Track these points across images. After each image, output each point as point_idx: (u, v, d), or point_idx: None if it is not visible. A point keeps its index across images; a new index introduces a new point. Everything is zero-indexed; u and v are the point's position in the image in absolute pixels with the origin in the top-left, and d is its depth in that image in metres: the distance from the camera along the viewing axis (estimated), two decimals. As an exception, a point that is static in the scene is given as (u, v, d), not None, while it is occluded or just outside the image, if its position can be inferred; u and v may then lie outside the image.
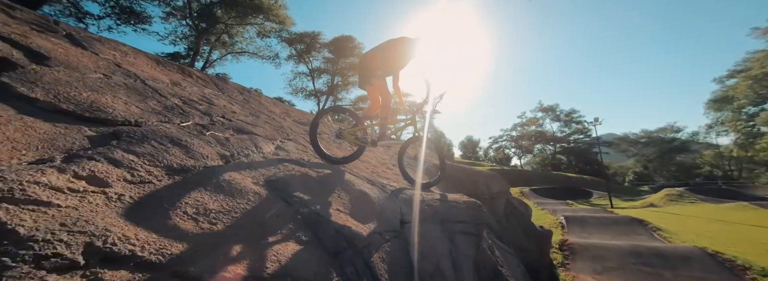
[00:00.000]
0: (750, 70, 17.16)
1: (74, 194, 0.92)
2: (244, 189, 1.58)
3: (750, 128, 22.10)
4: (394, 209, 2.43)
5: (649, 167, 42.92)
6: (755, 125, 20.86)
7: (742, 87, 18.43)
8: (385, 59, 2.65)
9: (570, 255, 6.90)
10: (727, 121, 23.46)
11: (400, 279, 1.81)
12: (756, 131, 22.14)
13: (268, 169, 2.06)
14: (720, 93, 22.87)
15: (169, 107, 2.11)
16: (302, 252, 1.36)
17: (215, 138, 1.94)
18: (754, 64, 17.11)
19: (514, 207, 5.85)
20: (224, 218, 1.29)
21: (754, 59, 17.07)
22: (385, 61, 2.66)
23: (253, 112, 3.86)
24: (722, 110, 23.58)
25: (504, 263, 3.19)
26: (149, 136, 1.49)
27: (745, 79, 17.72)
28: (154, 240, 0.94)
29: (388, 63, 2.66)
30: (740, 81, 18.60)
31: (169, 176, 1.32)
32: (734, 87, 19.95)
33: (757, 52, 17.17)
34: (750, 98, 19.71)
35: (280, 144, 2.85)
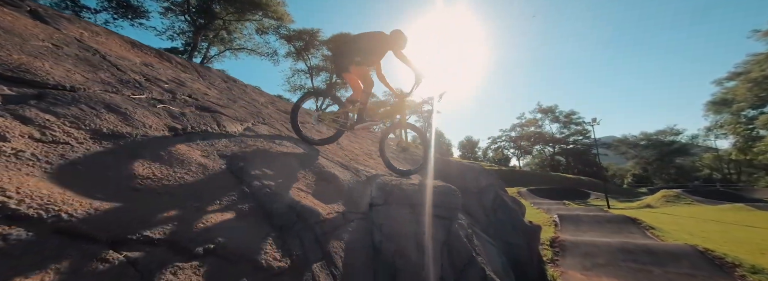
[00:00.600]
0: (750, 72, 17.03)
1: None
2: (187, 160, 1.49)
3: (749, 131, 21.98)
4: (364, 193, 2.34)
5: (649, 169, 42.79)
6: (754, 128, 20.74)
7: (742, 90, 18.29)
8: (361, 49, 2.72)
9: (560, 251, 6.81)
10: (726, 124, 23.34)
11: (358, 257, 1.72)
12: (755, 134, 22.03)
13: (226, 145, 1.97)
14: (719, 95, 22.75)
15: (124, 81, 2.02)
16: (238, 222, 1.27)
17: (167, 111, 1.85)
18: (753, 67, 16.98)
19: (503, 201, 5.76)
20: (152, 184, 1.19)
21: (754, 62, 16.95)
22: (360, 51, 2.72)
23: (231, 97, 3.77)
24: (721, 112, 23.46)
25: (482, 252, 3.09)
26: (81, 101, 1.39)
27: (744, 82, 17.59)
28: (45, 196, 0.84)
29: (363, 52, 2.72)
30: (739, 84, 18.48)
31: (93, 141, 1.23)
32: (734, 90, 19.81)
33: (757, 55, 17.06)
34: (749, 100, 19.58)
35: (251, 126, 2.75)
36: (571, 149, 43.69)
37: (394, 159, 3.84)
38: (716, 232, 8.85)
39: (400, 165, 3.68)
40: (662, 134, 39.81)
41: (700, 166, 39.82)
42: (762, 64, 16.26)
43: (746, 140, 22.64)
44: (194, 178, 1.39)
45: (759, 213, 11.99)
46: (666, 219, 11.66)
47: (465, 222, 3.41)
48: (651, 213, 13.90)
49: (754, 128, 20.90)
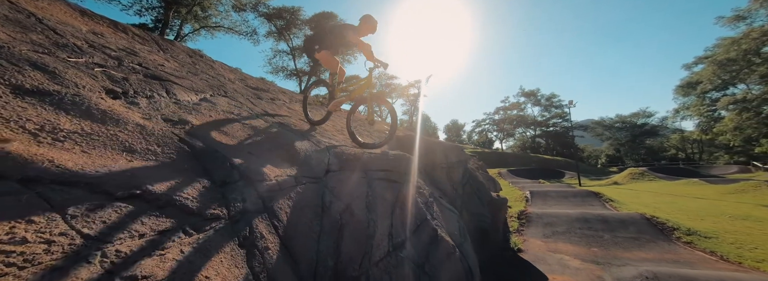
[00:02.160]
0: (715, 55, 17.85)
1: None
2: (123, 120, 1.51)
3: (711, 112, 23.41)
4: (321, 160, 2.43)
5: (621, 150, 45.14)
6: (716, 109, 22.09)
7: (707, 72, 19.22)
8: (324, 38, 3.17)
9: (526, 222, 7.31)
10: (692, 106, 24.73)
11: (306, 213, 1.83)
12: (717, 115, 23.50)
13: (174, 111, 1.97)
14: (687, 79, 23.86)
15: (60, 44, 1.94)
16: (173, 175, 1.33)
17: (107, 75, 1.82)
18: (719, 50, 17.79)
19: (471, 177, 6.04)
20: (79, 138, 1.22)
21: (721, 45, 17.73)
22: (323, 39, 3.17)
23: (192, 70, 3.66)
24: (688, 95, 24.74)
25: (439, 217, 3.31)
26: (2, 56, 1.36)
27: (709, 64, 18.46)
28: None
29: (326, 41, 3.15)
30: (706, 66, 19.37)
31: (15, 95, 1.23)
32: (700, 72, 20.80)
33: (725, 39, 17.80)
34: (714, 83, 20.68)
35: (209, 97, 2.73)
36: (550, 131, 45.23)
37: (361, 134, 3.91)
38: (668, 203, 9.68)
39: (366, 139, 3.76)
40: (635, 116, 41.73)
41: (667, 146, 42.36)
42: (727, 48, 17.05)
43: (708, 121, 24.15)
44: (129, 136, 1.42)
45: (709, 187, 13.11)
46: (627, 193, 12.57)
47: (427, 191, 3.60)
48: (615, 189, 14.91)
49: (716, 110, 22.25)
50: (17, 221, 0.77)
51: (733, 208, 8.60)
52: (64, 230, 0.81)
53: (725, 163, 31.08)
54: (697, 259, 4.71)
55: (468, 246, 3.59)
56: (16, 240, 0.73)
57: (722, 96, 22.00)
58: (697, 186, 13.67)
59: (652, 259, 4.76)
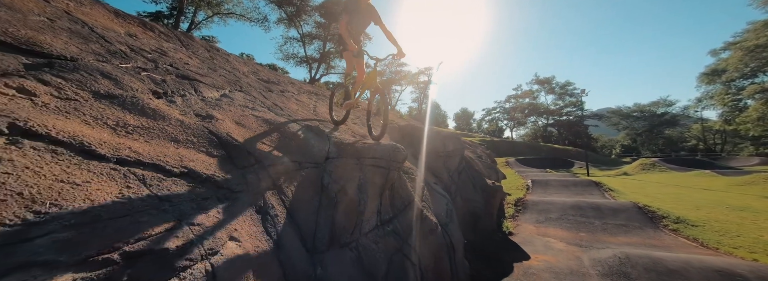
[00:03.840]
0: (745, 41, 16.81)
1: (4, 96, 1.28)
2: (167, 117, 1.96)
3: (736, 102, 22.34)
4: (322, 148, 2.86)
5: (637, 140, 43.86)
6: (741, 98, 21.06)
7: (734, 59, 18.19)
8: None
9: (522, 208, 7.68)
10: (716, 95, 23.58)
11: (307, 191, 2.29)
12: (743, 105, 22.43)
13: (202, 107, 2.43)
14: (713, 66, 22.63)
15: (111, 52, 2.40)
16: (208, 159, 1.79)
17: (150, 78, 2.27)
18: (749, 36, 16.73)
19: (468, 165, 6.40)
20: (139, 131, 1.68)
21: (751, 30, 16.65)
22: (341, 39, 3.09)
23: (212, 66, 4.11)
24: (713, 83, 23.55)
25: (428, 199, 3.75)
26: (81, 68, 1.82)
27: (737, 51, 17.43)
28: (72, 131, 1.33)
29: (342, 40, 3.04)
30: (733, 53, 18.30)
31: (95, 99, 1.69)
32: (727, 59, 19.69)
33: (755, 23, 16.69)
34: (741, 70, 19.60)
35: (227, 93, 3.18)
36: (563, 120, 44.23)
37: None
38: (670, 194, 9.78)
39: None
40: (655, 105, 40.10)
41: (687, 137, 40.84)
42: (758, 33, 16.02)
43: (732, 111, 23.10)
44: (173, 129, 1.88)
45: (719, 178, 12.96)
46: (633, 184, 12.64)
47: (418, 176, 4.01)
48: (623, 179, 14.91)
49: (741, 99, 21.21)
50: (122, 187, 1.23)
51: (735, 199, 8.66)
52: (148, 193, 1.27)
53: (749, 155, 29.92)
54: (678, 245, 5.00)
55: (453, 226, 4.04)
56: (123, 199, 1.19)
57: (750, 84, 20.92)
58: (708, 178, 13.52)
59: (633, 243, 5.09)
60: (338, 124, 3.62)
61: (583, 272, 3.94)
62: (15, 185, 0.94)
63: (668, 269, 3.63)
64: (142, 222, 1.11)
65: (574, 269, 4.05)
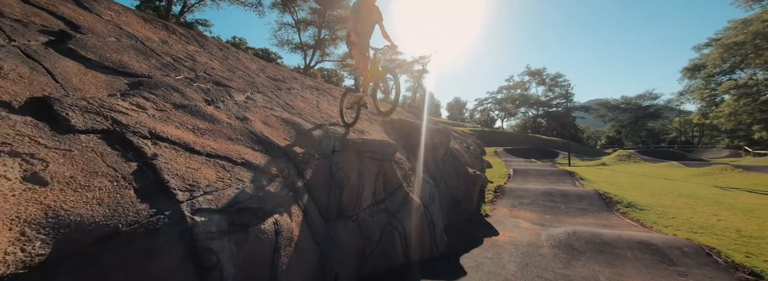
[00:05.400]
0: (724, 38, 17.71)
1: (131, 110, 1.96)
2: (219, 120, 2.64)
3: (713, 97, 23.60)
4: (328, 144, 3.57)
5: (622, 132, 45.58)
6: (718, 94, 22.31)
7: (714, 55, 19.16)
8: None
9: (500, 195, 8.63)
10: (696, 89, 24.80)
11: (320, 176, 3.03)
12: (719, 100, 23.72)
13: (238, 111, 3.10)
14: (695, 62, 23.69)
15: (165, 64, 3.02)
16: (256, 154, 2.50)
17: (200, 88, 2.92)
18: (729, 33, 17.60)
19: (452, 156, 7.21)
20: (207, 132, 2.37)
21: (732, 28, 17.51)
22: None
23: (230, 68, 4.70)
24: (694, 78, 24.72)
25: (414, 184, 4.55)
26: (159, 85, 2.47)
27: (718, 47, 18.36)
28: (176, 134, 2.02)
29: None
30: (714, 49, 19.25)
31: (175, 109, 2.36)
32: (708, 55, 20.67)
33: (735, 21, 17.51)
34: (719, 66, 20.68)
35: (250, 95, 3.83)
36: (552, 112, 45.48)
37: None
38: (634, 182, 10.89)
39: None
40: (641, 98, 41.51)
41: (669, 129, 42.69)
42: (737, 31, 16.90)
43: (709, 105, 24.44)
44: (226, 130, 2.57)
45: (683, 169, 14.21)
46: (605, 174, 13.78)
47: (407, 166, 4.80)
48: (598, 169, 16.10)
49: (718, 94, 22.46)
50: (216, 171, 1.94)
51: (688, 188, 9.79)
52: (229, 176, 1.99)
53: (723, 147, 31.79)
54: (622, 224, 5.99)
55: (435, 207, 4.88)
56: (221, 178, 1.90)
57: (727, 80, 22.07)
58: (673, 169, 14.77)
59: (586, 223, 6.06)
60: (349, 126, 3.97)
61: (538, 244, 4.87)
62: (173, 169, 1.65)
63: (603, 241, 4.57)
64: (240, 191, 1.84)
65: (531, 242, 4.97)
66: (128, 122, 1.79)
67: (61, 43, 2.20)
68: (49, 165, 1.24)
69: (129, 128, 1.75)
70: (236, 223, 1.65)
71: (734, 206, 7.03)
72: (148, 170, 1.57)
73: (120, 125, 1.73)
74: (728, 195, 8.55)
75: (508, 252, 4.52)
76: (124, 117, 1.81)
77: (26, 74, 1.66)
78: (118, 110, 1.84)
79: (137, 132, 1.77)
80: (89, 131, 1.56)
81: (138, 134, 1.76)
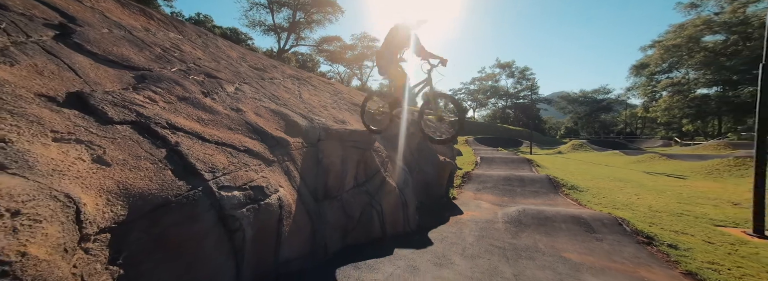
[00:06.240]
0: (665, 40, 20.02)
1: (146, 102, 2.23)
2: (217, 110, 2.92)
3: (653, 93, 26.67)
4: (314, 133, 3.95)
5: (579, 123, 49.73)
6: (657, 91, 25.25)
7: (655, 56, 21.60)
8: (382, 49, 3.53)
9: (467, 180, 9.53)
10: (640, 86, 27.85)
11: (308, 162, 3.44)
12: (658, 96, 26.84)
13: (231, 102, 3.36)
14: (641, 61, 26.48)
15: (158, 56, 3.18)
16: (254, 142, 2.84)
17: (196, 81, 3.14)
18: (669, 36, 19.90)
19: (425, 145, 7.85)
20: (210, 123, 2.67)
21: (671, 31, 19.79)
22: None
23: (214, 57, 4.79)
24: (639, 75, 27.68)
25: (390, 170, 5.10)
26: (162, 79, 2.69)
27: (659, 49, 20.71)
28: (187, 124, 2.31)
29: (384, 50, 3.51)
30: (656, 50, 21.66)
31: (179, 101, 2.62)
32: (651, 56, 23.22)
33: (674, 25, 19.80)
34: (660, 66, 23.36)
35: (238, 86, 4.04)
36: (520, 103, 48.33)
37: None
38: (581, 168, 12.42)
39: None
40: (596, 92, 45.39)
41: (618, 121, 47.31)
42: (675, 34, 19.15)
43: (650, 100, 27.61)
44: (225, 120, 2.87)
45: (623, 157, 16.27)
46: (560, 161, 15.40)
47: (384, 153, 5.31)
48: (554, 157, 17.86)
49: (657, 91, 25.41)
50: (226, 157, 2.29)
51: (623, 173, 11.41)
52: (237, 160, 2.35)
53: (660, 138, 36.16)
54: (564, 203, 7.07)
55: (408, 190, 5.49)
56: (232, 163, 2.26)
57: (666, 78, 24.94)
58: (615, 156, 16.85)
59: (535, 203, 7.07)
60: (378, 132, 3.93)
61: (494, 221, 5.70)
62: (195, 154, 2.00)
63: (545, 216, 5.49)
64: (248, 172, 2.22)
65: (489, 219, 5.80)
66: (149, 114, 2.08)
67: (66, 37, 2.35)
68: (106, 151, 1.57)
69: (151, 119, 2.05)
70: (250, 197, 2.06)
71: (652, 188, 8.49)
72: (175, 156, 1.91)
73: (143, 116, 2.02)
74: (651, 179, 10.18)
75: (468, 227, 5.29)
76: (144, 110, 2.09)
77: (56, 70, 1.88)
78: (138, 104, 2.12)
79: (158, 123, 2.07)
80: (123, 122, 1.86)
81: (159, 124, 2.07)
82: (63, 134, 1.46)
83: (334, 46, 36.48)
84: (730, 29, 16.91)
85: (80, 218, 1.14)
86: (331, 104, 6.35)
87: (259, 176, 2.34)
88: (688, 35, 18.25)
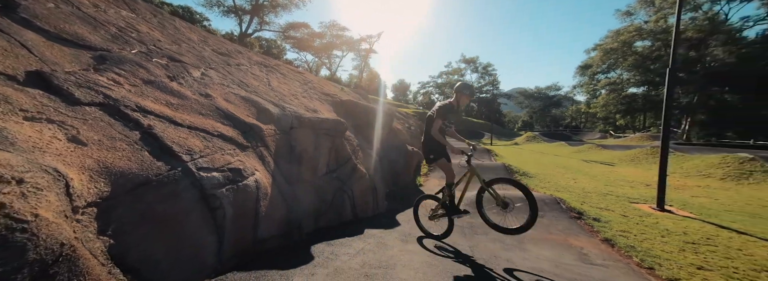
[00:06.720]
0: (604, 44, 22.62)
1: (111, 85, 2.17)
2: (185, 95, 2.87)
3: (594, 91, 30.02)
4: (287, 120, 4.00)
5: (534, 117, 54.01)
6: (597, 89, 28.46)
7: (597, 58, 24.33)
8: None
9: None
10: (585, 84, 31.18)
11: (282, 148, 3.52)
12: (598, 94, 30.23)
13: (198, 87, 3.29)
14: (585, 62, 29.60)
15: (114, 36, 2.99)
16: (226, 128, 2.85)
17: (160, 64, 3.03)
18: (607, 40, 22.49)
19: (394, 134, 8.17)
20: (180, 107, 2.63)
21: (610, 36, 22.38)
22: None
23: (174, 39, 4.52)
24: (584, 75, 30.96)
25: (360, 158, 5.32)
26: (123, 60, 2.57)
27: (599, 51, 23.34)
28: (157, 108, 2.28)
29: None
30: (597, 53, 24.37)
31: (145, 84, 2.54)
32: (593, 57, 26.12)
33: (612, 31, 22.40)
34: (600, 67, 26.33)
35: (205, 72, 3.91)
36: (483, 97, 51.04)
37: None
38: (533, 157, 13.75)
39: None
40: (549, 88, 49.53)
41: (566, 116, 52.27)
42: (612, 39, 21.70)
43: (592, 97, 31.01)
44: (195, 105, 2.84)
45: (567, 147, 18.24)
46: (515, 151, 16.80)
47: (355, 142, 5.50)
48: (511, 148, 19.41)
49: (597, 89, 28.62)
50: (200, 140, 2.32)
51: (566, 161, 12.87)
52: (212, 145, 2.39)
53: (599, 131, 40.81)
54: (516, 187, 7.90)
55: (378, 176, 5.76)
56: (207, 147, 2.29)
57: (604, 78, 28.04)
58: (561, 147, 18.82)
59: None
60: (439, 238, 3.61)
61: (456, 203, 6.22)
62: (169, 137, 2.02)
63: (500, 198, 6.14)
64: (224, 156, 2.29)
65: (451, 202, 6.32)
66: (117, 96, 2.05)
67: (11, 11, 2.16)
68: (80, 131, 1.57)
69: (119, 102, 2.02)
70: (229, 179, 2.14)
71: (587, 173, 9.77)
72: (149, 138, 1.93)
73: (111, 99, 1.99)
74: (587, 166, 11.65)
75: (433, 209, 5.73)
76: (110, 92, 2.05)
77: (7, 47, 1.77)
78: (103, 85, 2.07)
79: (128, 106, 2.05)
80: (91, 103, 1.83)
81: (129, 107, 2.05)
82: (33, 113, 1.45)
83: (301, 34, 35.02)
84: (655, 36, 19.73)
85: (69, 191, 1.21)
86: (301, 93, 6.31)
87: (235, 159, 2.41)
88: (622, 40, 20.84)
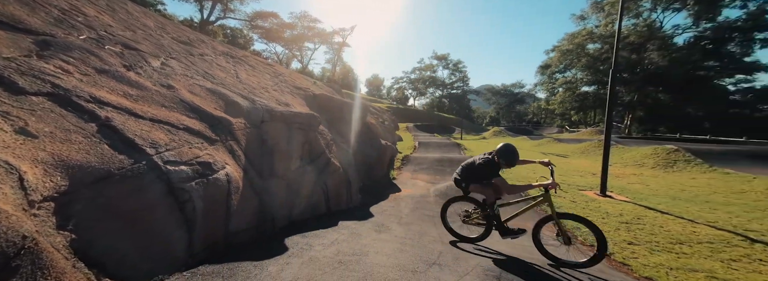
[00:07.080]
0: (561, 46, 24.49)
1: (59, 73, 2.00)
2: (145, 86, 2.70)
3: (553, 89, 32.38)
4: (257, 114, 3.90)
5: (500, 113, 56.84)
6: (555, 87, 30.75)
7: (555, 58, 26.27)
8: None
9: (406, 162, 10.34)
10: (544, 83, 33.52)
11: (253, 142, 3.44)
12: (556, 92, 32.63)
13: (158, 78, 3.10)
14: (545, 62, 31.80)
15: (57, 19, 2.71)
16: (193, 121, 2.73)
17: (114, 52, 2.80)
18: (564, 42, 24.35)
19: (368, 129, 8.24)
20: (140, 99, 2.48)
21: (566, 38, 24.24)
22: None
23: (127, 25, 4.16)
24: (544, 74, 33.26)
25: (334, 152, 5.33)
26: (71, 47, 2.36)
27: (557, 52, 25.20)
28: (114, 99, 2.14)
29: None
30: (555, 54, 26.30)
31: (98, 74, 2.36)
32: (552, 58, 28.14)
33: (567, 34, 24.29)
34: (558, 67, 28.43)
35: (165, 62, 3.67)
36: (454, 93, 52.63)
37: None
38: (498, 151, 14.57)
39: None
40: (514, 86, 52.33)
41: (528, 112, 55.70)
42: (568, 41, 23.54)
43: (551, 95, 33.42)
44: (156, 97, 2.68)
45: (529, 141, 19.57)
46: (483, 145, 17.64)
47: (329, 136, 5.49)
48: (479, 142, 20.36)
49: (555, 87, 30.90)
50: (166, 134, 2.22)
51: (526, 154, 13.78)
52: (179, 138, 2.30)
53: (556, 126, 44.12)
54: (483, 179, 8.38)
55: (352, 170, 5.82)
56: (173, 140, 2.20)
57: (561, 77, 30.25)
58: (523, 141, 20.13)
59: (461, 179, 8.20)
60: (472, 241, 3.49)
61: (427, 195, 6.49)
62: (130, 130, 1.92)
63: (468, 188, 6.50)
64: (192, 149, 2.22)
65: (423, 194, 6.57)
66: (67, 86, 1.90)
67: (-73, -15, 1.89)
68: (28, 122, 1.46)
69: (71, 92, 1.88)
70: (198, 172, 2.09)
71: (547, 164, 10.59)
72: (108, 130, 1.83)
73: (61, 89, 1.85)
74: (545, 157, 12.60)
75: (405, 202, 5.93)
76: (59, 81, 1.90)
77: (-71, 27, 1.57)
78: (49, 74, 1.91)
79: (81, 96, 1.91)
80: (38, 93, 1.69)
81: (82, 97, 1.91)
82: (-30, 102, 1.33)
83: (269, 24, 33.37)
84: (604, 40, 21.77)
85: (24, 185, 1.15)
86: (272, 86, 6.13)
87: (203, 153, 2.34)
88: (577, 43, 22.69)
